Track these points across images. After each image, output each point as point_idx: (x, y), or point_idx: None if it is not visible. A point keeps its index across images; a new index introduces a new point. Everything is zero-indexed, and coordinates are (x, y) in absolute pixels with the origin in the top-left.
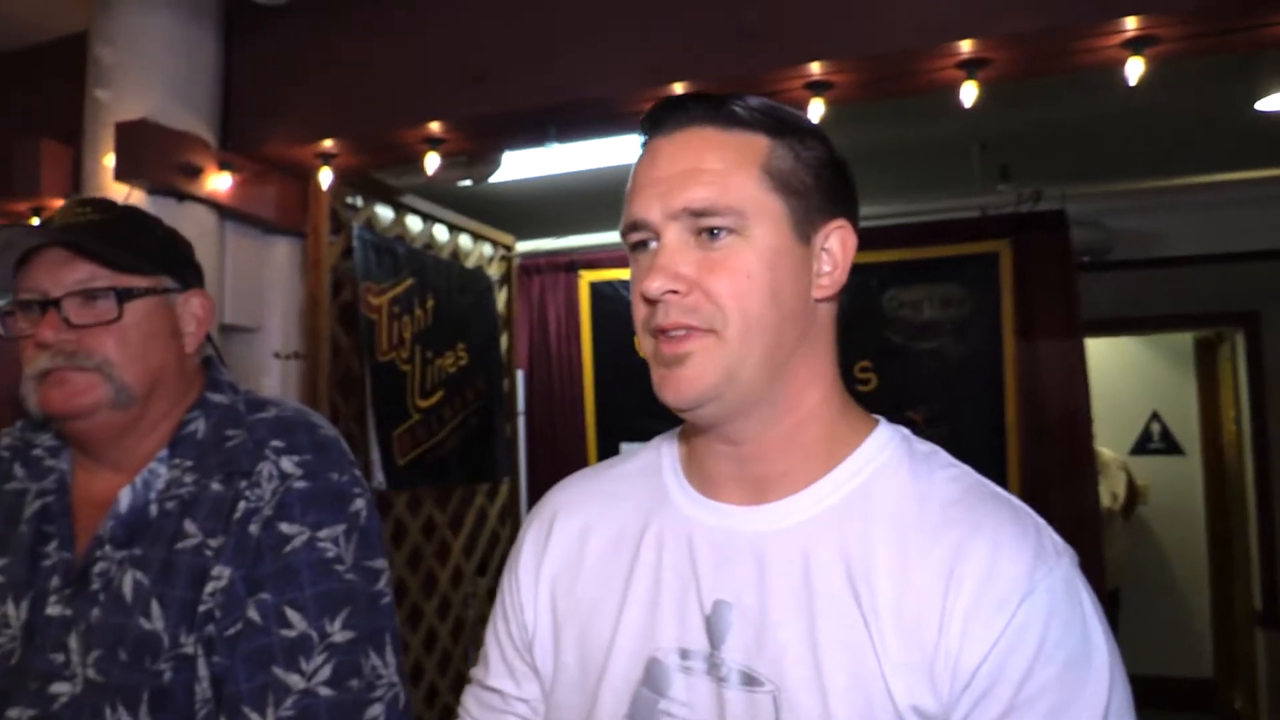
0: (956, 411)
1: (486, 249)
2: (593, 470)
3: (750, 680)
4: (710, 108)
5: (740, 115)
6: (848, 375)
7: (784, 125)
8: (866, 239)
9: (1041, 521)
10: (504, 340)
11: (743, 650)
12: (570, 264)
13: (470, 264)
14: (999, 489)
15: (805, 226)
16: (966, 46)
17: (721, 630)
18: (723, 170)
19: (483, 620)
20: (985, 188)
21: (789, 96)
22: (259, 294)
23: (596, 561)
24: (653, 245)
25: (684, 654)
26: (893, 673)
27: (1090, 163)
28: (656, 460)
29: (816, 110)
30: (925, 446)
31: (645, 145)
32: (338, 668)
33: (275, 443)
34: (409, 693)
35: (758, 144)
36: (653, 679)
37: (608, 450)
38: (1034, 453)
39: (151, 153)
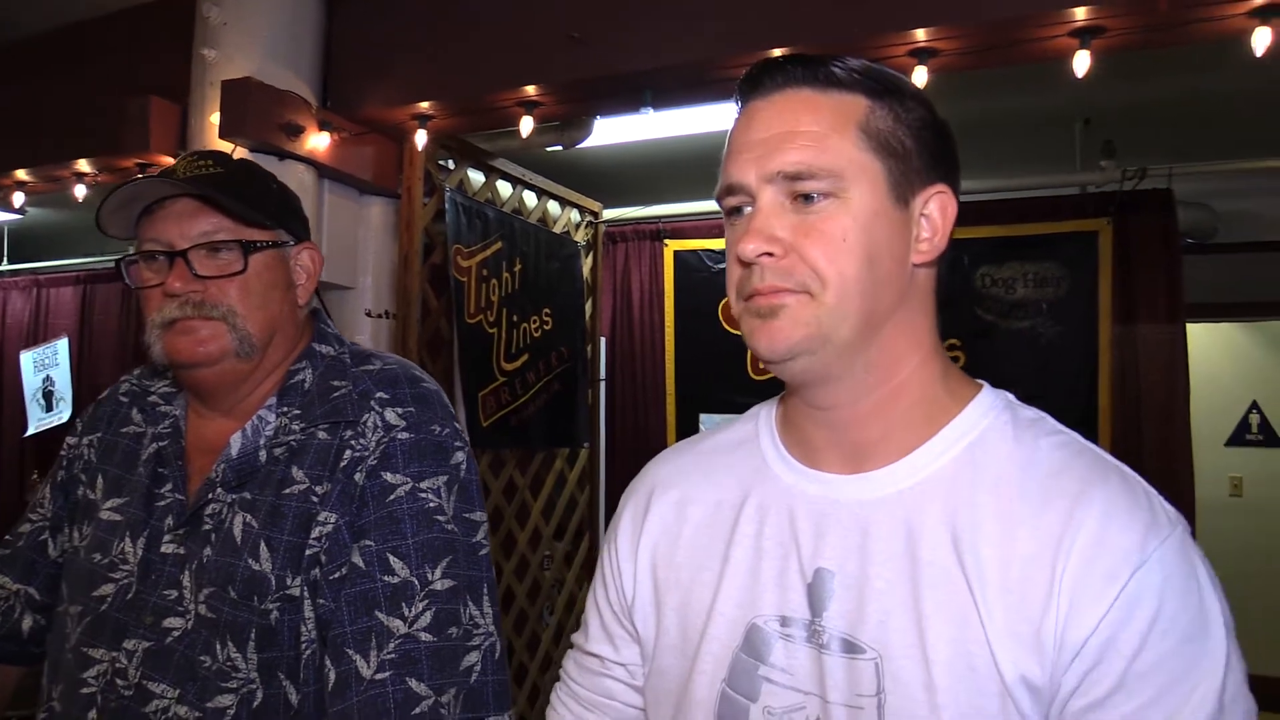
0: (1047, 394)
1: (574, 215)
2: (689, 443)
3: (852, 647)
4: (808, 68)
5: (838, 76)
6: None
7: (884, 86)
8: (959, 214)
9: (1152, 490)
10: (588, 307)
11: (844, 618)
12: (656, 232)
13: (558, 230)
14: (1108, 456)
15: (904, 189)
16: (1082, 13)
17: (823, 598)
18: (819, 132)
19: (559, 583)
20: (1086, 164)
21: (891, 64)
22: (353, 253)
23: (695, 532)
24: (748, 209)
25: (784, 621)
26: (999, 642)
27: (1198, 141)
28: (754, 431)
29: (919, 79)
30: (1031, 413)
31: (742, 108)
32: (438, 615)
33: (380, 394)
34: (504, 643)
35: (856, 104)
36: (752, 645)
37: (687, 421)
38: (1127, 440)
39: (255, 111)
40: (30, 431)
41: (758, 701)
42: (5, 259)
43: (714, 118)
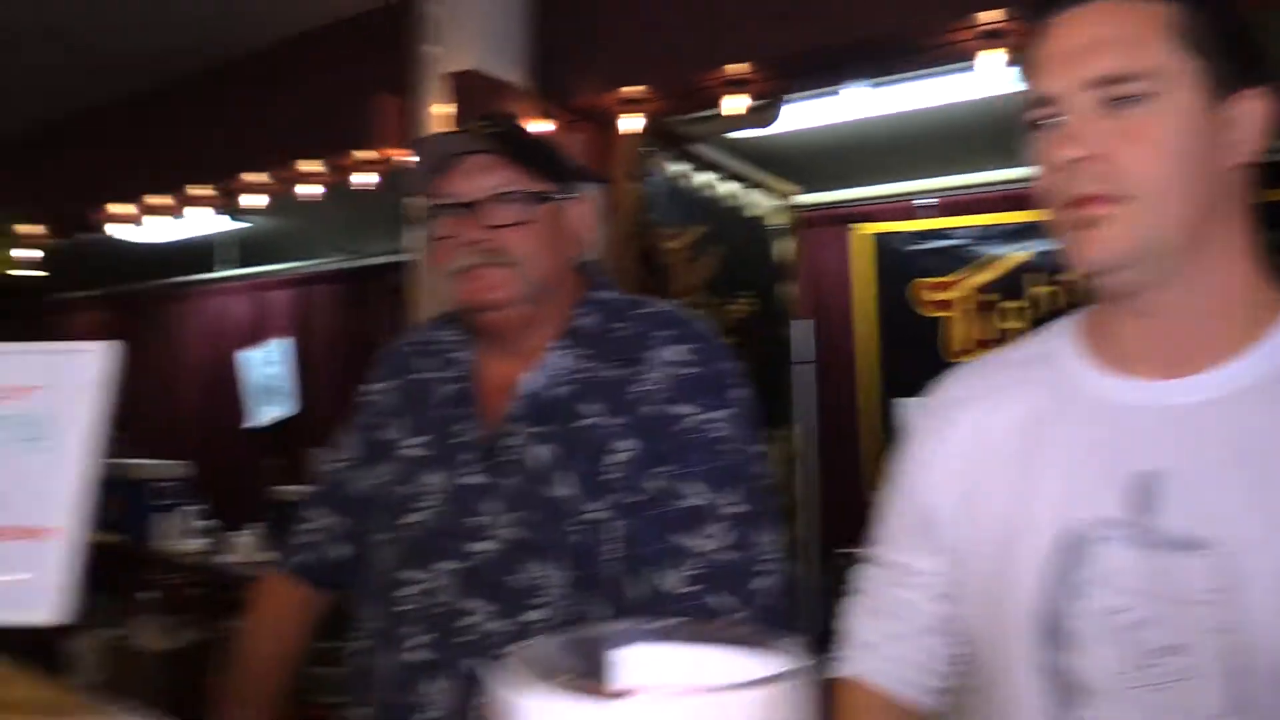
0: None
1: (769, 199)
2: (985, 359)
3: (1189, 545)
4: None
5: None
6: None
7: None
8: None
9: None
10: (786, 290)
11: (1179, 517)
12: (845, 217)
13: (754, 213)
14: None
15: (1218, 91)
16: None
17: (1149, 498)
18: (1131, 35)
19: None
20: None
21: None
22: None
23: (1001, 442)
24: (1055, 120)
25: (1107, 523)
26: None
27: None
28: (1057, 345)
29: None
30: None
31: (1041, 26)
32: (732, 538)
33: (662, 333)
34: (787, 572)
35: (1161, 9)
36: (1073, 549)
37: (886, 407)
38: None
39: (481, 101)
40: (255, 424)
41: (1084, 601)
42: (232, 265)
43: (910, 96)
